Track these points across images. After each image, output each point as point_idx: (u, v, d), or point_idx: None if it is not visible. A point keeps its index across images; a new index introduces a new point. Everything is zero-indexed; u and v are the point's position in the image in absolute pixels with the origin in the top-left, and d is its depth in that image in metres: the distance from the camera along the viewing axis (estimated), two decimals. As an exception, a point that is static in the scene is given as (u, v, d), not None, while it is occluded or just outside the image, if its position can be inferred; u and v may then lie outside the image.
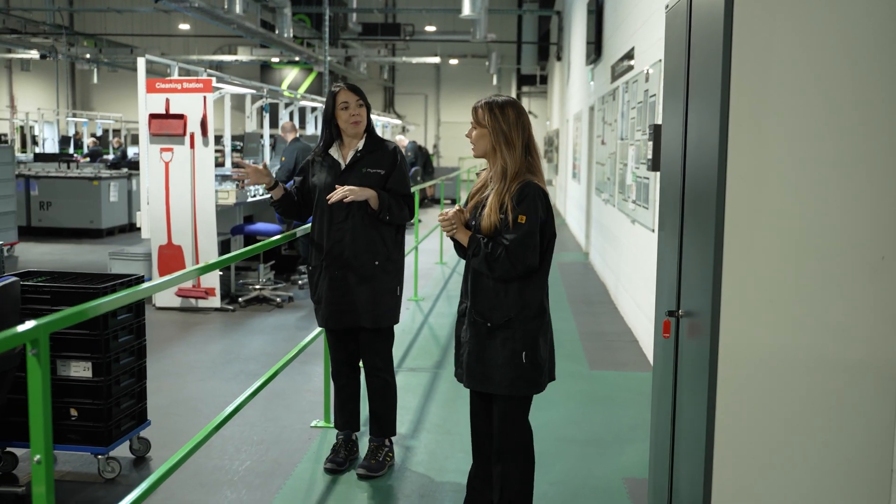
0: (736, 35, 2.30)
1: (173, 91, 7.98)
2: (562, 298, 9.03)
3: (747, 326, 2.37)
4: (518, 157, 3.21)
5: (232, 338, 7.17)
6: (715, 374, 2.40)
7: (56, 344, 3.98)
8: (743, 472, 2.42)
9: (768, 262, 2.34)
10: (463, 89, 34.35)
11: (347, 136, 4.12)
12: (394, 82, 34.80)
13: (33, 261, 11.14)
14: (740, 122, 2.31)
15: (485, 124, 3.24)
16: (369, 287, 4.04)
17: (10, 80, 30.64)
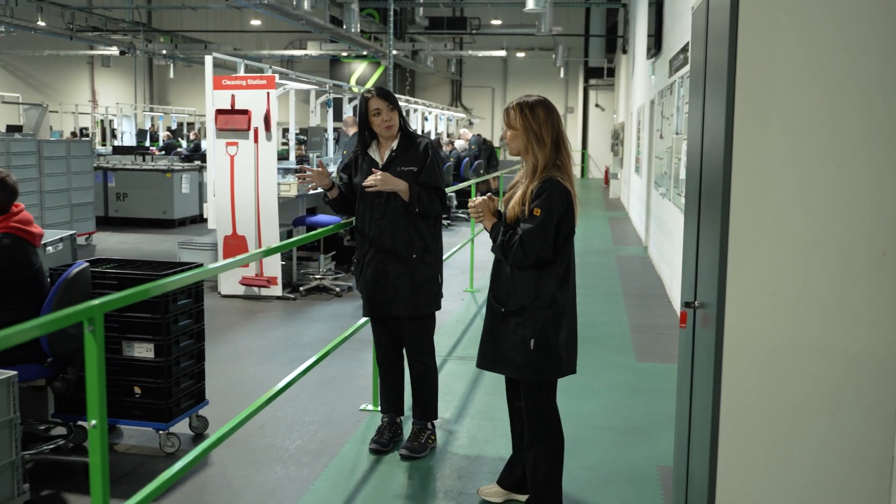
0: (741, 35, 2.41)
1: (238, 87, 8.30)
2: (616, 291, 9.11)
3: (751, 318, 2.48)
4: (548, 153, 3.38)
5: (291, 325, 7.46)
6: (720, 364, 2.52)
7: (122, 326, 4.29)
8: (747, 460, 2.53)
9: (772, 255, 2.45)
10: (530, 82, 34.32)
11: (383, 138, 4.34)
12: (461, 75, 34.96)
13: (109, 249, 11.66)
14: (745, 119, 2.43)
15: (517, 126, 3.42)
16: (410, 278, 4.25)
17: (92, 76, 31.77)
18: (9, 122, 20.59)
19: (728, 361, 2.51)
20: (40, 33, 23.15)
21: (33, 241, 3.90)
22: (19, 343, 3.60)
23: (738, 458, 2.54)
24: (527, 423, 3.55)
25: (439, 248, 4.41)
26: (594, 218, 17.30)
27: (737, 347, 2.50)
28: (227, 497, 3.94)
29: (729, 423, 2.54)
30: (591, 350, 6.62)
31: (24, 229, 3.84)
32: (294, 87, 9.97)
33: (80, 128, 25.53)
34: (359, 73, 32.76)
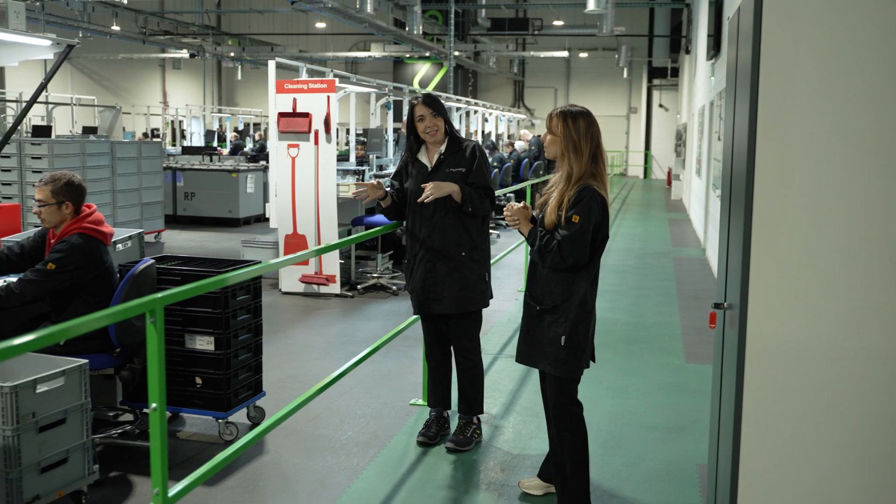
0: (764, 37, 2.50)
1: (300, 91, 8.57)
2: (671, 293, 9.13)
3: (773, 318, 2.57)
4: (584, 164, 3.54)
5: (348, 322, 7.68)
6: (742, 364, 2.62)
7: (185, 320, 4.54)
8: (768, 458, 2.62)
9: (794, 257, 2.54)
10: (593, 82, 34.24)
11: (430, 143, 4.51)
12: (523, 76, 35.02)
13: (177, 247, 12.10)
14: (767, 121, 2.52)
15: (557, 132, 3.58)
16: (459, 276, 4.41)
17: (164, 78, 32.72)
18: (85, 124, 21.36)
19: (750, 361, 2.61)
20: (115, 38, 24.01)
21: (104, 240, 4.16)
22: (89, 333, 3.88)
23: (760, 456, 2.63)
24: (552, 417, 3.69)
25: (487, 247, 4.56)
26: (654, 219, 17.23)
27: (759, 347, 2.60)
28: (280, 483, 4.15)
29: (751, 421, 2.63)
30: (641, 351, 6.70)
31: (96, 229, 4.11)
32: (354, 91, 10.21)
33: (151, 129, 26.33)
34: (422, 74, 33.06)
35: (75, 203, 4.10)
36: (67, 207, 4.08)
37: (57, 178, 4.08)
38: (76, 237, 4.03)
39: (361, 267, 9.61)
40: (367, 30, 20.88)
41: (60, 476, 3.56)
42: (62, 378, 3.55)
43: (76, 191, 4.11)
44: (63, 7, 21.19)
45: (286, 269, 8.81)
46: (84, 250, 4.01)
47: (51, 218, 4.07)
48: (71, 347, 3.97)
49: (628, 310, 8.19)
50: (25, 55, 4.97)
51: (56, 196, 4.04)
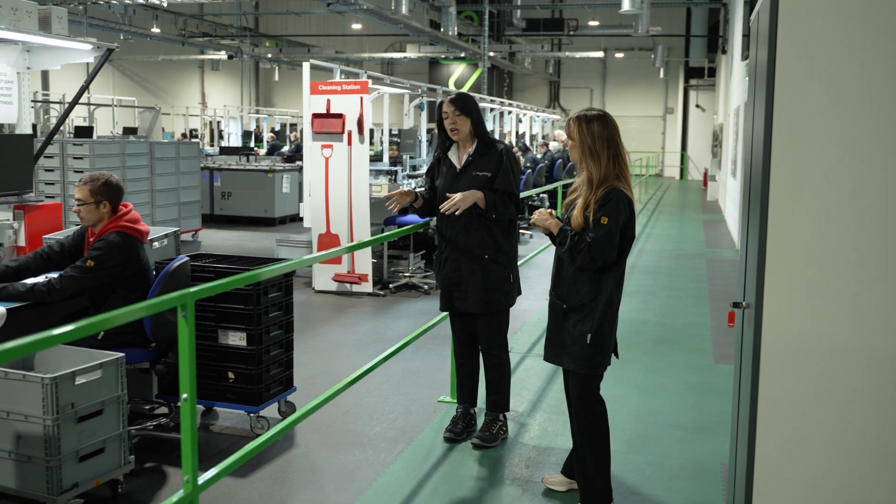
0: (780, 36, 2.54)
1: (333, 92, 8.70)
2: (702, 294, 9.11)
3: (788, 318, 2.60)
4: (603, 167, 3.59)
5: (380, 320, 7.79)
6: (758, 363, 2.66)
7: (218, 316, 4.66)
8: (783, 457, 2.66)
9: (809, 256, 2.57)
10: (629, 83, 34.10)
11: (460, 142, 4.57)
12: (559, 76, 34.97)
13: (213, 245, 12.30)
14: (783, 120, 2.56)
15: (574, 137, 3.64)
16: (482, 277, 4.47)
17: (203, 79, 33.19)
18: (126, 125, 21.76)
19: (765, 359, 2.64)
20: (155, 40, 24.42)
21: (141, 238, 4.30)
22: (126, 328, 4.02)
23: (775, 454, 2.66)
24: (574, 415, 3.75)
25: (512, 248, 4.61)
26: (688, 220, 17.15)
27: (774, 346, 2.63)
28: (308, 476, 4.25)
29: (766, 419, 2.66)
30: (670, 351, 6.71)
31: (133, 227, 4.25)
32: (387, 92, 10.32)
33: (189, 129, 26.71)
34: (457, 74, 33.14)
35: (113, 202, 4.23)
36: (105, 206, 4.21)
37: (95, 178, 4.22)
38: (114, 235, 4.16)
39: (393, 266, 9.72)
40: (403, 31, 21.01)
41: (98, 465, 3.69)
42: (100, 371, 3.68)
43: (114, 190, 4.24)
44: (105, 10, 21.61)
45: (319, 268, 8.94)
46: (121, 248, 4.15)
47: (89, 216, 4.21)
48: (108, 342, 4.10)
49: (659, 310, 8.20)
50: (67, 59, 5.13)
51: (94, 195, 4.18)
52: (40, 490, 3.51)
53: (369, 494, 4.04)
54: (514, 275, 4.61)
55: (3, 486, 3.60)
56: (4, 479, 3.58)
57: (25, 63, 5.10)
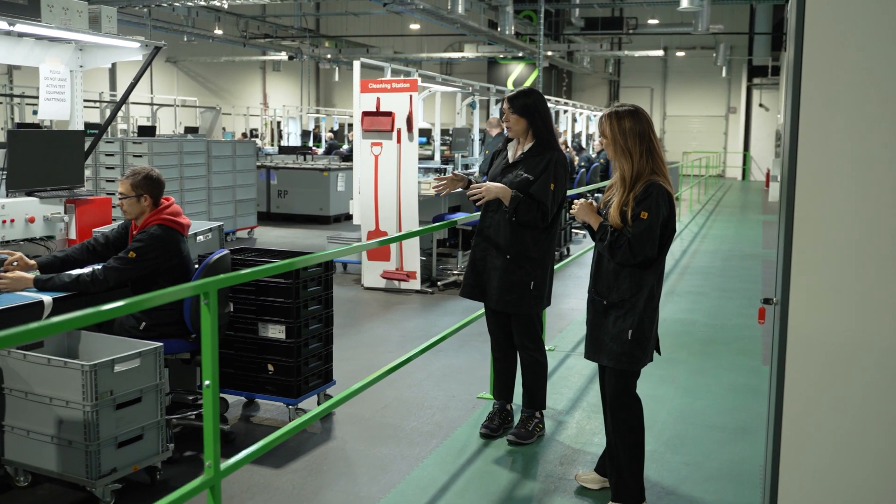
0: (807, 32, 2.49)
1: (383, 91, 8.76)
2: (755, 295, 8.93)
3: (815, 314, 2.55)
4: (635, 164, 3.55)
5: (426, 317, 7.82)
6: (784, 360, 2.60)
7: (258, 309, 4.74)
8: (808, 456, 2.60)
9: (836, 252, 2.51)
10: (690, 82, 33.60)
11: (515, 137, 4.57)
12: (619, 76, 34.64)
13: (268, 242, 12.50)
14: (810, 117, 2.50)
15: (607, 134, 3.61)
16: (500, 275, 4.46)
17: (264, 80, 33.68)
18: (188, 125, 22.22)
19: (791, 357, 2.59)
20: (217, 41, 24.88)
21: (182, 230, 4.39)
22: (166, 319, 4.11)
23: (801, 454, 2.61)
24: (609, 411, 3.72)
25: (541, 255, 4.50)
26: (748, 221, 16.83)
27: (801, 343, 2.58)
28: (343, 467, 4.30)
29: (792, 417, 2.61)
30: (717, 351, 6.60)
31: (174, 220, 4.34)
32: (439, 90, 10.35)
33: (250, 129, 27.15)
34: (516, 74, 33.07)
35: (153, 196, 4.33)
36: (146, 200, 4.32)
37: (137, 173, 4.33)
38: (155, 228, 4.26)
39: (442, 264, 9.75)
40: (459, 31, 21.04)
41: (136, 451, 3.78)
42: (138, 359, 3.77)
43: (154, 184, 4.34)
44: (168, 12, 22.10)
45: (368, 265, 9.01)
46: (163, 240, 4.24)
47: (131, 209, 4.32)
48: (149, 332, 4.20)
49: (708, 311, 8.07)
50: (117, 57, 5.27)
51: (135, 189, 4.29)
52: (80, 474, 3.62)
53: (401, 488, 4.06)
54: (538, 283, 4.50)
55: (46, 469, 3.71)
56: (47, 463, 3.70)
57: (78, 61, 5.25)
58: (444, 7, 18.67)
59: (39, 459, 3.72)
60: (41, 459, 3.71)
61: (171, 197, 4.46)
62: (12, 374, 3.75)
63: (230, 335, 4.80)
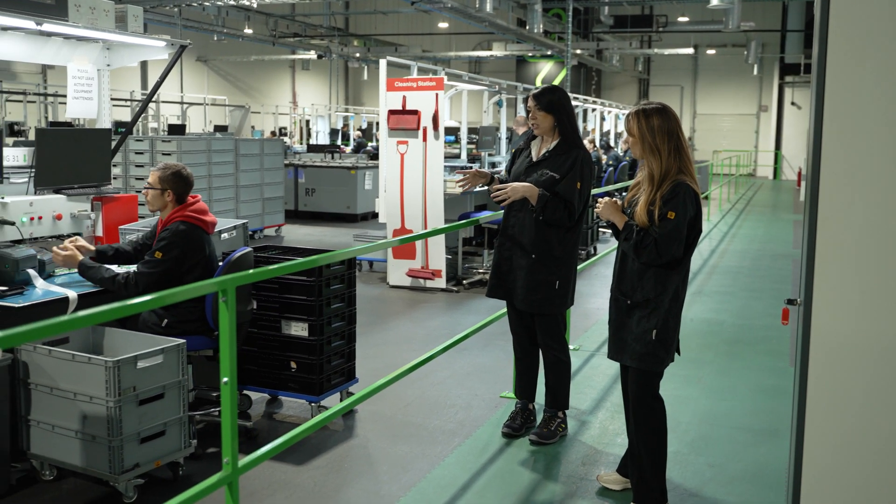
0: (831, 35, 2.44)
1: (409, 89, 8.76)
2: (784, 295, 8.78)
3: (838, 314, 2.50)
4: (664, 161, 3.51)
5: (451, 316, 7.81)
6: (807, 360, 2.56)
7: (282, 307, 4.76)
8: (831, 455, 2.56)
9: (860, 253, 2.46)
10: (721, 80, 33.29)
11: (544, 137, 4.54)
12: (648, 74, 34.40)
13: (295, 240, 12.55)
14: (833, 120, 2.46)
15: (634, 133, 3.57)
16: (525, 274, 4.44)
17: (293, 79, 33.87)
18: (217, 123, 22.39)
19: (814, 358, 2.55)
20: (247, 40, 25.05)
21: (206, 228, 4.41)
22: (188, 316, 4.13)
23: (823, 454, 2.57)
24: (632, 411, 3.68)
25: (566, 254, 4.49)
26: (778, 220, 16.65)
27: (823, 344, 2.54)
28: (364, 465, 4.30)
29: (814, 419, 2.57)
30: (744, 352, 6.53)
31: (198, 217, 4.37)
32: (465, 88, 10.33)
33: (279, 127, 27.31)
34: (545, 72, 32.98)
35: (177, 193, 4.36)
36: (169, 195, 4.35)
37: (167, 168, 4.38)
38: (179, 224, 4.29)
39: (468, 262, 9.73)
40: (488, 29, 21.01)
41: (158, 447, 3.81)
42: (161, 356, 3.79)
43: (181, 182, 4.37)
44: (199, 12, 22.28)
45: (394, 264, 9.02)
46: (186, 235, 4.26)
47: (153, 202, 4.37)
48: (172, 329, 4.23)
49: (736, 311, 7.98)
50: (144, 56, 5.32)
51: (161, 183, 4.34)
52: (103, 469, 3.65)
53: (422, 486, 4.06)
54: (563, 282, 4.49)
55: (71, 463, 3.75)
56: (72, 457, 3.73)
57: (105, 60, 5.30)
58: (473, 5, 18.64)
59: (64, 454, 3.76)
60: (66, 454, 3.75)
61: (199, 195, 4.49)
62: (38, 370, 3.79)
63: (253, 332, 4.82)
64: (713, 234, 13.92)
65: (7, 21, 4.42)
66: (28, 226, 4.61)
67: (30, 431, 3.85)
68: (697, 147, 33.43)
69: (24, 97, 17.34)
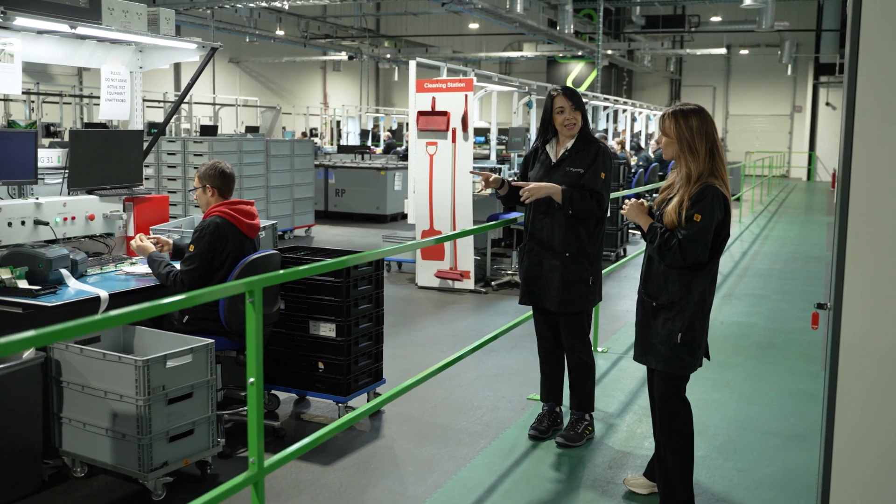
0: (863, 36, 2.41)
1: (439, 90, 8.77)
2: (817, 299, 8.68)
3: (869, 318, 2.47)
4: (701, 162, 3.48)
5: (479, 317, 7.81)
6: (836, 366, 2.53)
7: (310, 307, 4.79)
8: (861, 462, 2.52)
9: (890, 258, 2.43)
10: (754, 80, 32.95)
11: (562, 136, 4.53)
12: (680, 74, 34.14)
13: (325, 241, 12.62)
14: (865, 121, 2.43)
15: (671, 134, 3.54)
16: (561, 275, 4.42)
17: (324, 80, 34.03)
18: (248, 124, 22.56)
19: (844, 363, 2.52)
20: (279, 41, 25.23)
21: (240, 226, 4.40)
22: (207, 315, 4.17)
23: (852, 462, 2.53)
24: (658, 415, 3.66)
25: (596, 250, 4.51)
26: (812, 223, 16.45)
27: (853, 349, 2.50)
28: (390, 466, 4.31)
29: (844, 426, 2.54)
30: (776, 356, 6.46)
31: (234, 216, 4.38)
32: (495, 90, 10.33)
33: (310, 128, 27.46)
34: (575, 73, 32.86)
35: (217, 188, 4.44)
36: (210, 192, 4.44)
37: (208, 165, 4.50)
38: (214, 218, 4.34)
39: (496, 264, 9.73)
40: (518, 30, 20.99)
41: (187, 446, 3.85)
42: (190, 355, 3.83)
43: (220, 176, 4.45)
44: (231, 14, 22.47)
45: (423, 265, 9.04)
46: (217, 229, 4.29)
47: (200, 200, 4.52)
48: (192, 326, 4.28)
49: (768, 314, 7.89)
50: (176, 58, 5.37)
51: (202, 180, 4.45)
52: (133, 467, 3.70)
53: (447, 488, 4.06)
54: (595, 277, 4.51)
55: (101, 461, 3.80)
56: (102, 455, 3.79)
57: (138, 62, 5.37)
58: (503, 6, 18.63)
59: (95, 451, 3.81)
60: (96, 451, 3.80)
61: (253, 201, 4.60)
62: (70, 368, 3.85)
63: (282, 333, 4.85)
64: (745, 237, 13.78)
65: (43, 24, 4.48)
66: (62, 226, 4.68)
67: (62, 429, 3.91)
68: (730, 148, 33.11)
69: (60, 98, 17.60)
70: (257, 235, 4.61)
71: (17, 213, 4.45)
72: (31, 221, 4.52)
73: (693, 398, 3.72)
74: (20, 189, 4.69)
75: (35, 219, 4.53)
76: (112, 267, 4.70)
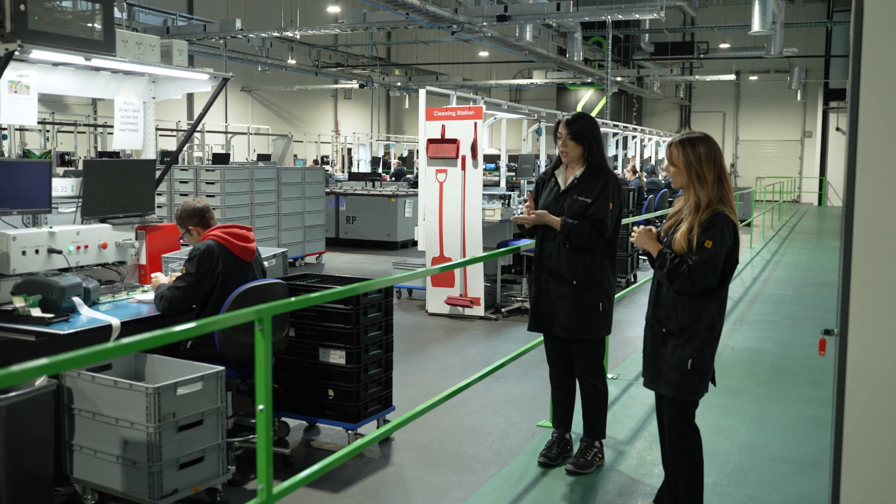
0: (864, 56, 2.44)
1: (448, 118, 8.84)
2: (829, 324, 8.66)
3: (875, 343, 2.48)
4: (710, 189, 3.51)
5: (489, 344, 7.81)
6: (843, 391, 2.54)
7: (319, 335, 4.81)
8: (870, 488, 2.52)
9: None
10: (763, 106, 33.00)
11: (570, 163, 4.56)
12: (690, 101, 34.24)
13: (336, 268, 12.66)
14: (868, 141, 2.45)
15: (678, 163, 3.57)
16: (569, 302, 4.43)
17: (336, 108, 34.27)
18: (260, 152, 22.73)
19: (851, 388, 2.53)
20: (290, 70, 25.46)
21: (233, 249, 4.46)
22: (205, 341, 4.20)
23: (860, 489, 2.53)
24: (668, 441, 3.66)
25: (604, 277, 4.50)
26: (823, 248, 16.40)
27: (860, 375, 2.51)
28: (399, 493, 4.31)
29: (851, 452, 2.54)
30: (786, 383, 6.43)
31: (225, 238, 4.46)
32: (504, 117, 10.40)
33: (321, 156, 27.63)
34: (585, 100, 32.99)
35: (198, 224, 4.63)
36: (195, 231, 4.65)
37: (179, 210, 4.68)
38: (206, 242, 4.44)
39: (507, 290, 9.74)
40: (528, 57, 21.13)
41: (197, 473, 3.86)
42: (200, 383, 3.86)
43: (195, 214, 4.64)
44: (244, 43, 22.71)
45: (433, 291, 9.06)
46: (208, 249, 4.38)
47: (191, 242, 4.66)
48: (195, 352, 4.32)
49: (778, 340, 7.86)
50: (188, 88, 5.45)
51: (182, 225, 4.65)
52: (143, 494, 3.71)
53: (457, 515, 4.06)
54: (605, 304, 4.51)
55: (112, 488, 3.82)
56: (112, 482, 3.80)
57: (151, 93, 5.45)
58: (513, 34, 18.78)
59: (105, 478, 3.83)
60: (107, 479, 3.82)
61: (251, 226, 4.66)
62: (81, 395, 3.88)
63: (291, 360, 4.87)
64: (755, 262, 13.75)
65: (58, 57, 4.57)
66: (75, 254, 4.73)
67: (73, 456, 3.93)
68: (740, 174, 33.13)
69: (74, 128, 17.79)
70: (255, 259, 4.66)
71: (31, 241, 4.51)
72: (44, 250, 4.57)
73: (703, 424, 3.72)
74: (34, 218, 4.75)
75: (49, 247, 4.58)
76: (124, 295, 4.75)
